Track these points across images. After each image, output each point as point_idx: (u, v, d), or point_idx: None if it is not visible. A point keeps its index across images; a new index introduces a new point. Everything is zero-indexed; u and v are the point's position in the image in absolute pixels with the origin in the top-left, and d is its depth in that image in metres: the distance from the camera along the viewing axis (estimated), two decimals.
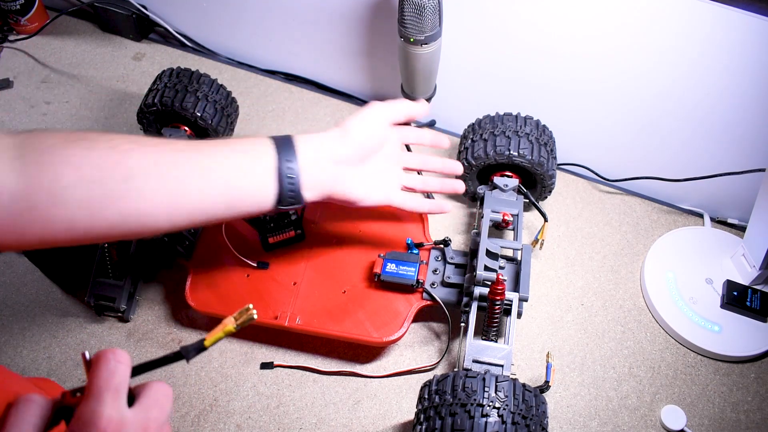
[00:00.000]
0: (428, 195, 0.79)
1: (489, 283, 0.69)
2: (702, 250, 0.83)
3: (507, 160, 0.78)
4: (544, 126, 0.82)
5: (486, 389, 0.57)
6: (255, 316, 0.42)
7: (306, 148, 0.56)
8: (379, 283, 0.74)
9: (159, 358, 0.41)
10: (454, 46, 0.88)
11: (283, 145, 0.55)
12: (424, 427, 0.58)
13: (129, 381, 0.38)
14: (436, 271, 0.75)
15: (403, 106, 0.65)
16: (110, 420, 0.34)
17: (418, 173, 0.74)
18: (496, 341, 0.70)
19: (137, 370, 0.40)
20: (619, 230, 0.87)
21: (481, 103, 0.90)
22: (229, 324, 0.42)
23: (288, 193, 0.54)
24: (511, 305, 0.69)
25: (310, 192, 0.56)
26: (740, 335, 0.75)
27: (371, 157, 0.63)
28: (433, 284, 0.74)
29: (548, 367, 0.65)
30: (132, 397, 0.38)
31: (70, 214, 0.45)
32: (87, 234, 0.47)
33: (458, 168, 0.72)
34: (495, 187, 0.81)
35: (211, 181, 0.50)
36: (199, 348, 0.41)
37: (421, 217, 0.82)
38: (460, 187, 0.71)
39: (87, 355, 0.38)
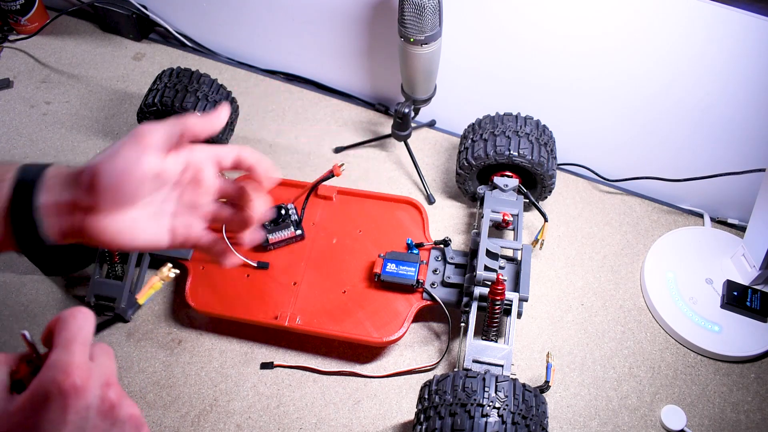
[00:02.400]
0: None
1: (489, 283, 0.69)
2: (702, 250, 0.83)
3: (507, 160, 0.78)
4: (544, 126, 0.82)
5: (486, 389, 0.57)
6: (172, 275, 0.46)
7: (51, 189, 0.45)
8: (379, 283, 0.74)
9: (99, 323, 0.41)
10: (454, 46, 0.88)
11: (25, 182, 0.45)
12: (424, 427, 0.58)
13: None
14: (436, 271, 0.75)
15: (173, 128, 0.48)
16: (79, 367, 0.35)
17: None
18: (496, 341, 0.70)
19: None
20: (619, 230, 0.87)
21: (481, 103, 0.90)
22: (156, 281, 0.44)
23: (23, 238, 0.45)
24: (511, 305, 0.69)
25: (61, 236, 0.46)
26: (740, 335, 0.75)
27: (141, 197, 0.47)
28: (433, 284, 0.74)
29: (548, 367, 0.65)
30: None
31: None
32: None
33: (267, 167, 0.52)
34: (495, 187, 0.81)
35: None
36: (135, 305, 0.44)
37: (421, 217, 0.82)
38: (251, 223, 0.53)
39: (28, 335, 0.38)
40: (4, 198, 0.44)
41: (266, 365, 0.75)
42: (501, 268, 0.73)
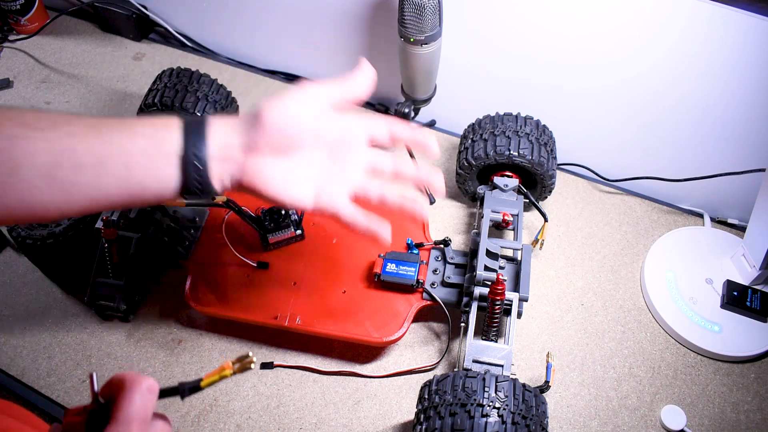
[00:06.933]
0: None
1: (489, 283, 0.69)
2: (702, 250, 0.83)
3: (507, 160, 0.78)
4: (544, 126, 0.82)
5: (486, 389, 0.57)
6: (252, 367, 0.41)
7: (217, 134, 0.49)
8: (379, 283, 0.74)
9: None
10: (454, 46, 0.88)
11: (193, 130, 0.48)
12: (424, 427, 0.58)
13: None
14: (436, 271, 0.75)
15: (336, 86, 0.52)
16: None
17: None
18: (496, 341, 0.70)
19: None
20: (619, 230, 0.87)
21: (481, 103, 0.90)
22: (227, 369, 0.41)
23: (194, 182, 0.48)
24: (511, 305, 0.69)
25: (219, 182, 0.49)
26: (740, 335, 0.75)
27: (299, 149, 0.51)
28: (433, 284, 0.74)
29: (548, 367, 0.65)
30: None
31: None
32: None
33: (438, 181, 0.55)
34: (495, 187, 0.81)
35: (108, 172, 0.45)
36: (195, 388, 0.41)
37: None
38: (420, 210, 0.57)
39: (95, 378, 0.37)
40: (175, 143, 0.46)
41: (266, 365, 0.75)
42: (501, 268, 0.73)
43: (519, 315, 0.69)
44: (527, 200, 0.82)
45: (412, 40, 0.77)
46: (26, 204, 0.43)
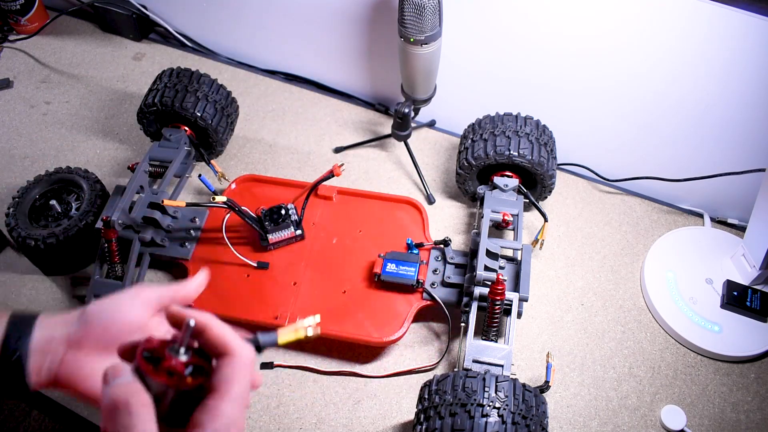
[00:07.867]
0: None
1: (489, 283, 0.69)
2: (702, 250, 0.83)
3: (507, 160, 0.78)
4: (544, 126, 0.82)
5: (486, 389, 0.57)
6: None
7: (44, 328, 0.48)
8: (379, 283, 0.74)
9: None
10: (454, 46, 0.88)
11: (19, 324, 0.48)
12: (424, 427, 0.58)
13: None
14: (436, 271, 0.75)
15: (167, 291, 0.52)
16: (243, 424, 0.37)
17: None
18: (496, 341, 0.70)
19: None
20: (619, 230, 0.87)
21: (481, 103, 0.90)
22: (302, 332, 0.41)
23: (7, 375, 0.47)
24: (511, 305, 0.69)
25: (36, 375, 0.48)
26: (740, 335, 0.75)
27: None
28: (433, 284, 0.74)
29: (548, 367, 0.65)
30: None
31: None
32: None
33: None
34: (495, 187, 0.81)
35: None
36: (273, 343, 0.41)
37: (421, 217, 0.82)
38: None
39: (192, 323, 0.36)
40: None
41: (266, 365, 0.75)
42: (501, 268, 0.73)
43: (519, 315, 0.70)
44: (527, 200, 0.82)
45: (412, 40, 0.77)
46: None
